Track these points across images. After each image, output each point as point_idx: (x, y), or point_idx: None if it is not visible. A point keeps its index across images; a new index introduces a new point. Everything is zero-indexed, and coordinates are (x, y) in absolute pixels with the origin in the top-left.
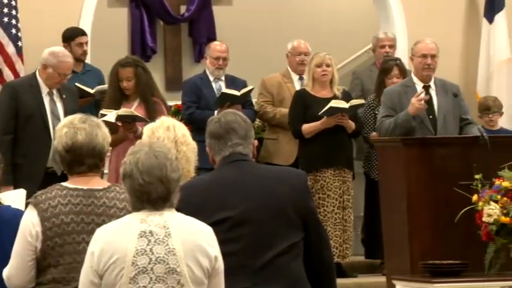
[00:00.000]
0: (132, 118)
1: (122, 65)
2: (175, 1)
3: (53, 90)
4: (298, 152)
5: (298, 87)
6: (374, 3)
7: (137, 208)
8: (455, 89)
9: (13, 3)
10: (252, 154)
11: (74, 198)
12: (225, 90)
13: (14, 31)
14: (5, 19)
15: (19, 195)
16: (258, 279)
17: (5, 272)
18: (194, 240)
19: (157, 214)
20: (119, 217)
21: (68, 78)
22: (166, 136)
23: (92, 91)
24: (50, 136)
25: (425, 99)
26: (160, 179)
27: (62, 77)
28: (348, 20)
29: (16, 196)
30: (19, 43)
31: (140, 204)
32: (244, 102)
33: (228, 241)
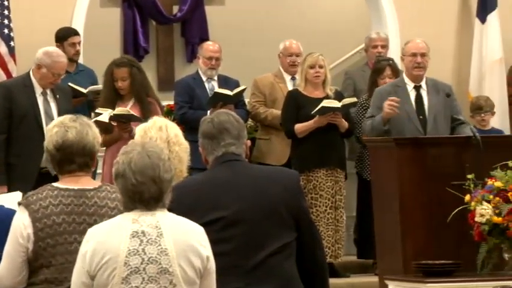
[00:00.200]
0: (128, 118)
1: (117, 65)
2: (167, 1)
3: (47, 90)
4: (290, 152)
5: (290, 87)
6: (366, 3)
7: (129, 208)
8: (447, 89)
9: (5, 3)
10: (245, 154)
11: (65, 198)
12: (218, 90)
13: (6, 31)
14: None
15: (15, 197)
16: (251, 279)
17: None
18: (186, 240)
19: (149, 214)
20: (111, 217)
21: (61, 78)
22: (158, 136)
23: (85, 91)
24: (44, 136)
25: (396, 105)
26: (153, 179)
27: (56, 77)
28: (341, 20)
29: (12, 198)
30: (11, 43)
31: (132, 204)
32: (237, 102)
33: (221, 241)
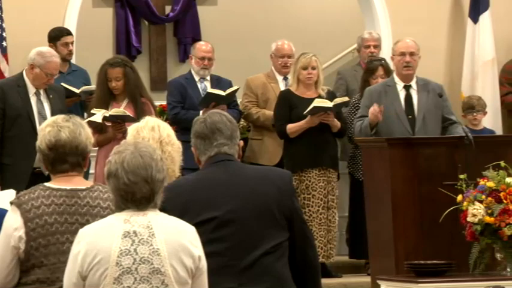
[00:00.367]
0: (122, 118)
1: (111, 65)
2: (160, 1)
3: (40, 90)
4: (283, 152)
5: (282, 87)
6: (359, 3)
7: (121, 208)
8: (438, 89)
9: None
10: (238, 154)
11: (57, 198)
12: (211, 90)
13: None
14: None
15: (9, 195)
16: (243, 279)
17: None
18: (178, 240)
19: (140, 214)
20: (103, 216)
21: (55, 78)
22: (151, 136)
23: (78, 91)
24: (37, 136)
25: (381, 110)
26: (145, 179)
27: (49, 77)
28: (333, 20)
29: (5, 196)
30: (4, 43)
31: (124, 203)
32: (229, 102)
33: (214, 241)
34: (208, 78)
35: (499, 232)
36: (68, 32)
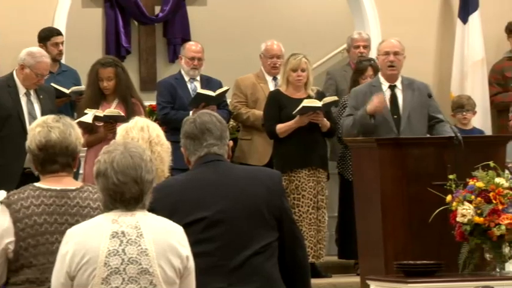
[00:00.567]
0: (115, 118)
1: (103, 65)
2: (149, 2)
3: (30, 90)
4: (272, 153)
5: (272, 87)
6: (348, 3)
7: (109, 208)
8: (424, 88)
9: None
10: (227, 155)
11: (47, 198)
12: (200, 90)
13: None
14: None
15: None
16: (233, 279)
17: None
18: (166, 240)
19: (128, 214)
20: (93, 217)
21: (45, 78)
22: (140, 136)
23: (68, 91)
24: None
25: (383, 102)
26: (135, 180)
27: (40, 78)
28: (323, 21)
29: None
30: None
31: (112, 203)
32: (219, 102)
33: (203, 241)
34: (198, 78)
35: (489, 232)
36: (58, 32)
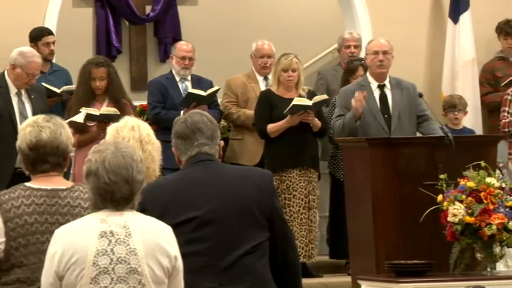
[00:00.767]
0: (109, 117)
1: (96, 64)
2: (140, 1)
3: (22, 90)
4: (263, 152)
5: (263, 87)
6: (339, 3)
7: (98, 207)
8: (412, 88)
9: None
10: (218, 155)
11: (38, 198)
12: (192, 90)
13: None
14: None
15: None
16: (224, 279)
17: None
18: (154, 239)
19: (117, 214)
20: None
21: (36, 78)
22: (131, 136)
23: (59, 91)
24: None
25: (365, 96)
26: (126, 179)
27: (31, 77)
28: (314, 20)
29: None
30: None
31: (102, 203)
32: (210, 102)
33: (194, 241)
34: (189, 78)
35: (479, 232)
36: (49, 32)
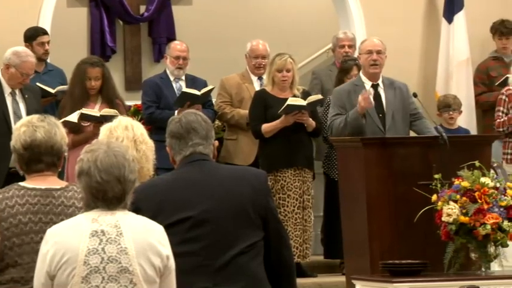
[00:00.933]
0: (107, 118)
1: (91, 64)
2: (134, 1)
3: (16, 90)
4: (258, 152)
5: (257, 87)
6: (333, 3)
7: (90, 206)
8: (404, 87)
9: None
10: (213, 155)
11: (32, 198)
12: (185, 89)
13: None
14: None
15: None
16: (218, 279)
17: None
18: (146, 239)
19: (109, 214)
20: None
21: (30, 78)
22: (125, 135)
23: (53, 91)
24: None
25: (370, 94)
26: (118, 179)
27: (25, 77)
28: (308, 20)
29: None
30: None
31: (94, 202)
32: (204, 102)
33: (189, 241)
34: (183, 77)
35: (474, 232)
36: (44, 32)
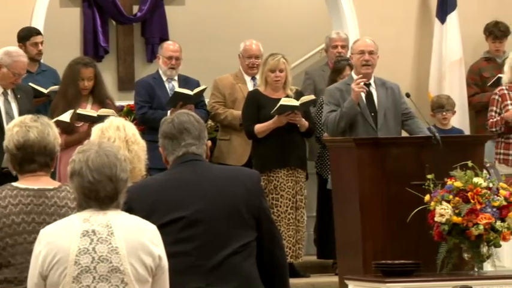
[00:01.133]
0: (103, 118)
1: (85, 65)
2: (127, 1)
3: (8, 90)
4: (251, 153)
5: (250, 87)
6: (326, 3)
7: (83, 206)
8: (396, 88)
9: None
10: (206, 155)
11: (25, 198)
12: (178, 89)
13: None
14: None
15: None
16: (211, 279)
17: None
18: (137, 238)
19: (100, 213)
20: None
21: (23, 78)
22: (117, 136)
23: (46, 91)
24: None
25: (364, 82)
26: (110, 178)
27: (17, 77)
28: (301, 21)
29: None
30: None
31: (87, 202)
32: (197, 102)
33: (181, 241)
34: (176, 78)
35: (467, 232)
36: (38, 32)
